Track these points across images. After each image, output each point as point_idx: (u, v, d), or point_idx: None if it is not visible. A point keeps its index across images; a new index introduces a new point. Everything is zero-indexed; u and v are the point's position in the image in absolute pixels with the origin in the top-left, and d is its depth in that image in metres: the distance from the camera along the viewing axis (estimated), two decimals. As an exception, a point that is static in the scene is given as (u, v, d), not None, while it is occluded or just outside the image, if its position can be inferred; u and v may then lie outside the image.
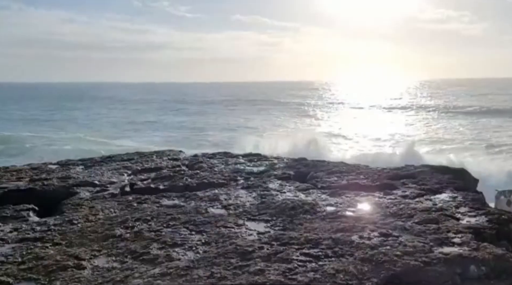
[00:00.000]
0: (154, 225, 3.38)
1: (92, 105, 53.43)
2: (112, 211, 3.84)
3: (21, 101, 60.85)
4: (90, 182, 4.85)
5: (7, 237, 3.13)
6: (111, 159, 6.26)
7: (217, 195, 4.28)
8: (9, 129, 27.95)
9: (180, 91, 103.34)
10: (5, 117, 36.10)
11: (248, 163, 5.89)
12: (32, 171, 5.34)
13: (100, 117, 37.67)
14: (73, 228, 3.35)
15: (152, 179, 5.12)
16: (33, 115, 38.14)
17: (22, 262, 2.69)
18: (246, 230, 3.26)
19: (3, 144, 21.12)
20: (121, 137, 25.36)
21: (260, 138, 27.27)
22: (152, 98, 68.38)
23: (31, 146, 21.20)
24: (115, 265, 2.70)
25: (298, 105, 52.31)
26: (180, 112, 46.22)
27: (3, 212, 3.71)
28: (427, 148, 22.13)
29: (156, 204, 4.04)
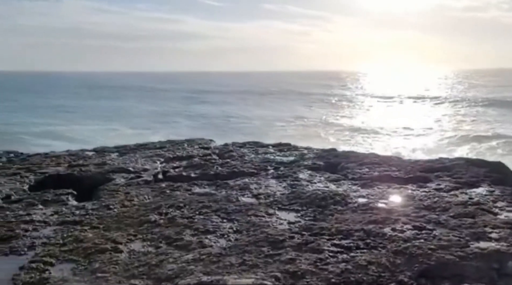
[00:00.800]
0: (186, 212, 3.46)
1: (122, 95, 54.54)
2: (146, 197, 3.94)
3: (54, 90, 62.79)
4: (125, 168, 4.99)
5: (48, 220, 3.27)
6: (144, 146, 6.42)
7: (247, 184, 4.32)
8: (43, 117, 28.98)
9: (208, 80, 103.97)
10: (40, 105, 37.42)
11: (278, 152, 5.91)
12: (70, 157, 5.54)
13: (130, 107, 38.44)
14: (109, 212, 3.47)
15: (184, 167, 5.22)
16: (67, 104, 39.34)
17: (63, 244, 2.82)
18: (276, 219, 3.29)
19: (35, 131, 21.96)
20: (152, 127, 25.85)
21: (288, 129, 27.16)
22: (180, 88, 69.09)
23: (62, 134, 21.95)
24: (150, 249, 2.78)
25: (325, 96, 51.55)
26: (208, 101, 46.53)
27: (44, 196, 3.88)
28: (465, 143, 21.38)
29: (188, 192, 4.12)
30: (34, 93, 54.61)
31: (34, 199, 3.79)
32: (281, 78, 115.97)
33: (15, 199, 3.82)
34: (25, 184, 4.33)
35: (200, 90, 64.27)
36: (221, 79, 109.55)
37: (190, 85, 78.16)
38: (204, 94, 56.95)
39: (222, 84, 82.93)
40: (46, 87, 69.84)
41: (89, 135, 20.64)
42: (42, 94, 52.01)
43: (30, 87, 70.22)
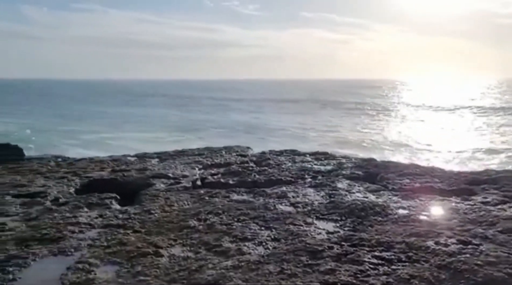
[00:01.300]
0: (225, 219, 3.49)
1: (161, 102, 56.02)
2: (185, 203, 4.02)
3: (100, 97, 65.36)
4: (164, 174, 5.11)
5: (93, 223, 3.40)
6: (183, 153, 6.56)
7: (285, 192, 4.32)
8: (88, 124, 30.19)
9: (244, 88, 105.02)
10: (86, 112, 39.03)
11: (315, 161, 5.87)
12: (113, 162, 5.75)
13: (168, 114, 39.41)
14: (151, 217, 3.56)
15: (222, 174, 5.28)
16: (110, 111, 40.88)
17: (108, 246, 2.92)
18: (315, 228, 3.26)
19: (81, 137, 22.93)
20: (188, 134, 26.40)
21: (324, 137, 26.86)
22: (216, 96, 70.12)
23: (103, 140, 22.84)
24: (190, 255, 2.83)
25: (362, 105, 50.62)
26: (243, 109, 46.93)
27: (89, 199, 4.04)
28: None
29: (227, 199, 4.17)
30: (82, 100, 57.07)
31: (80, 202, 3.95)
32: (318, 86, 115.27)
33: (62, 202, 3.99)
34: (72, 187, 4.52)
35: (236, 98, 64.99)
36: (257, 87, 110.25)
37: (226, 93, 79.19)
38: (240, 102, 57.52)
39: (258, 92, 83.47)
40: (92, 95, 72.81)
41: (129, 142, 21.32)
42: (89, 102, 54.30)
43: (78, 94, 73.43)
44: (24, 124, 29.03)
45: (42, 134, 23.53)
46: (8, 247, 2.87)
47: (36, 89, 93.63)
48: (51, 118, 31.23)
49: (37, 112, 34.26)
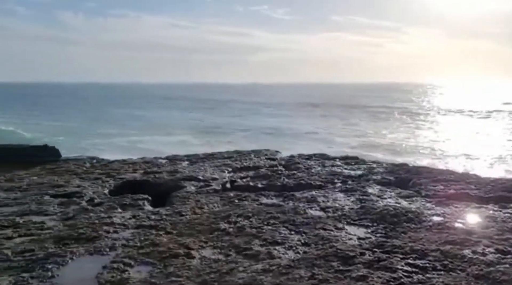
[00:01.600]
0: (255, 222, 3.50)
1: (190, 106, 56.76)
2: (215, 205, 4.06)
3: (133, 101, 66.92)
4: (195, 177, 5.18)
5: (127, 223, 3.48)
6: (212, 156, 6.63)
7: (314, 196, 4.29)
8: (121, 127, 30.86)
9: (273, 92, 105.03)
10: (119, 115, 40.00)
11: (345, 166, 5.80)
12: (145, 164, 5.87)
13: (197, 117, 39.90)
14: (182, 219, 3.61)
15: (251, 177, 5.30)
16: (141, 114, 41.76)
17: (141, 247, 2.98)
18: (346, 234, 3.23)
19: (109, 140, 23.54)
20: (216, 137, 26.64)
21: (352, 142, 26.44)
22: (245, 100, 70.45)
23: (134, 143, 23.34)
24: (221, 257, 2.85)
25: (391, 109, 49.58)
26: (271, 113, 46.94)
27: (123, 200, 4.14)
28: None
29: (256, 202, 4.18)
30: (115, 103, 58.59)
31: (114, 203, 4.05)
32: (348, 90, 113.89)
33: (97, 202, 4.11)
34: (106, 188, 4.65)
35: (264, 102, 65.05)
36: (286, 91, 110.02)
37: (255, 97, 79.42)
38: (268, 105, 57.54)
39: (286, 96, 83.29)
40: (125, 98, 74.62)
41: (159, 144, 21.70)
42: (121, 105, 55.68)
43: (111, 97, 75.41)
44: (59, 126, 30.03)
45: (75, 136, 24.29)
46: (47, 245, 2.98)
47: (71, 92, 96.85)
48: (85, 120, 32.20)
49: (71, 114, 35.37)
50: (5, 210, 3.78)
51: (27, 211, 3.76)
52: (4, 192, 4.39)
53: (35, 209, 3.80)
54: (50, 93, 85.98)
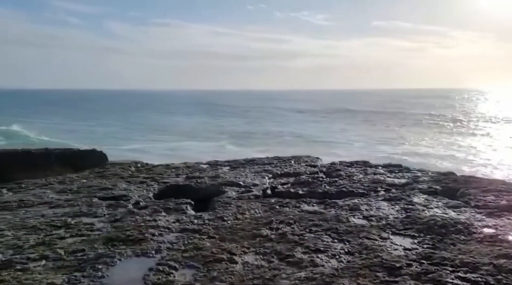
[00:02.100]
0: (297, 229, 3.49)
1: (231, 113, 57.48)
2: (257, 211, 4.07)
3: (177, 107, 68.65)
4: (236, 182, 5.23)
5: (171, 227, 3.56)
6: (253, 162, 6.66)
7: (357, 204, 4.21)
8: (164, 133, 31.79)
9: (312, 98, 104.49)
10: (162, 122, 41.17)
11: (389, 173, 5.66)
12: (188, 169, 5.99)
13: (236, 124, 40.38)
14: (224, 224, 3.66)
15: (292, 183, 5.29)
16: (183, 121, 42.81)
17: (185, 250, 3.04)
18: (391, 244, 3.15)
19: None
20: (254, 143, 26.88)
21: (392, 150, 25.79)
22: (284, 106, 70.41)
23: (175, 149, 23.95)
24: (263, 263, 2.86)
25: (434, 116, 47.82)
26: (310, 120, 46.62)
27: (167, 204, 4.24)
28: None
29: (297, 209, 4.16)
30: (158, 110, 60.32)
31: (159, 206, 4.16)
32: (389, 96, 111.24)
33: (143, 205, 4.24)
34: (151, 192, 4.78)
35: (303, 108, 64.78)
36: (325, 97, 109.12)
37: (294, 103, 79.30)
38: (308, 112, 57.34)
39: (325, 102, 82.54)
40: (168, 105, 76.70)
41: (199, 150, 22.15)
42: (165, 111, 57.30)
43: (155, 104, 77.81)
44: (105, 131, 31.33)
45: (121, 140, 25.26)
46: (96, 246, 3.10)
47: (118, 99, 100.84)
48: (129, 125, 33.50)
49: (117, 119, 36.90)
50: (58, 210, 3.97)
51: (78, 212, 3.93)
52: (56, 194, 4.62)
53: (85, 211, 3.97)
54: (98, 100, 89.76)
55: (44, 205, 4.18)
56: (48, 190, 4.78)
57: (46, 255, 2.89)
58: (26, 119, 45.90)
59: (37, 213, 3.90)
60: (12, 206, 4.11)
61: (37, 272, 2.64)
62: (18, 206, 4.12)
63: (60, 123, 37.27)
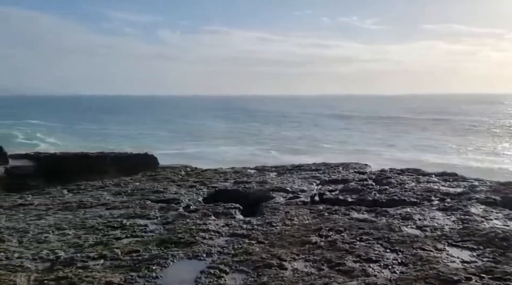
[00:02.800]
0: (347, 237, 3.42)
1: (276, 118, 57.68)
2: (305, 218, 4.04)
3: (227, 113, 69.95)
4: (283, 188, 5.23)
5: (221, 231, 3.62)
6: (300, 168, 6.63)
7: (409, 213, 4.07)
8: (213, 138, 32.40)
9: (360, 104, 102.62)
10: (204, 126, 42.00)
11: (443, 182, 5.44)
12: (235, 174, 6.07)
13: (281, 130, 40.40)
14: (273, 229, 3.66)
15: (340, 190, 5.20)
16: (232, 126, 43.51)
17: (235, 255, 3.07)
18: (447, 256, 3.01)
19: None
20: (300, 149, 26.74)
21: (444, 157, 24.67)
22: (329, 113, 69.58)
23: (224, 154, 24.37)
24: (313, 270, 2.83)
25: (486, 124, 45.23)
26: (355, 127, 45.72)
27: (216, 208, 4.31)
28: None
29: (347, 216, 4.09)
30: (208, 115, 61.75)
31: (208, 210, 4.24)
32: (441, 101, 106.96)
33: (193, 209, 4.34)
34: (200, 196, 4.89)
35: (352, 115, 63.70)
36: (377, 103, 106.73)
37: (342, 109, 78.25)
38: (355, 118, 56.36)
39: (376, 108, 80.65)
40: (217, 110, 78.36)
41: (247, 156, 22.40)
42: (214, 117, 58.55)
43: (205, 110, 79.85)
44: (156, 135, 32.45)
45: (172, 144, 26.11)
46: (150, 247, 3.21)
47: (170, 105, 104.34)
48: (180, 130, 34.53)
49: (167, 124, 38.08)
50: (115, 212, 4.16)
51: (132, 214, 4.09)
52: (112, 196, 4.84)
53: (139, 213, 4.13)
54: (153, 106, 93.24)
55: (101, 206, 4.39)
56: (105, 192, 5.01)
57: (104, 255, 3.03)
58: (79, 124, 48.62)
59: (95, 214, 4.10)
60: (73, 207, 4.35)
61: (96, 270, 2.77)
62: (78, 206, 4.36)
63: (115, 129, 39.18)
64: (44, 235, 3.43)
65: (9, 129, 45.91)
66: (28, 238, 3.37)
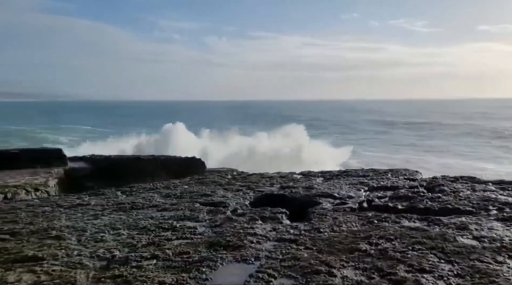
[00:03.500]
0: (398, 246, 3.33)
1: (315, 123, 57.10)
2: (353, 224, 3.97)
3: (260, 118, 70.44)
4: (330, 194, 5.16)
5: (268, 235, 3.63)
6: (347, 173, 6.53)
7: (465, 223, 3.89)
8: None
9: (414, 109, 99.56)
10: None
11: (501, 191, 5.15)
12: (281, 179, 6.07)
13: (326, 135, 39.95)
14: (320, 235, 3.62)
15: (390, 197, 5.06)
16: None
17: (283, 260, 3.07)
18: (508, 269, 2.85)
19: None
20: (351, 153, 26.27)
21: (501, 167, 23.32)
22: (378, 118, 67.92)
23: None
24: (363, 279, 2.77)
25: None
26: (408, 133, 44.29)
27: (263, 212, 4.34)
28: None
29: (397, 224, 3.97)
30: (252, 120, 62.45)
31: (255, 214, 4.27)
32: (494, 107, 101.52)
33: (240, 213, 4.38)
34: (247, 200, 4.93)
35: (400, 120, 61.87)
36: (427, 107, 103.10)
37: (386, 115, 76.25)
38: (405, 124, 54.72)
39: (426, 113, 77.89)
40: (261, 115, 79.08)
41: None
42: (257, 121, 59.10)
43: (250, 115, 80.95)
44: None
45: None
46: (200, 249, 3.28)
47: (210, 110, 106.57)
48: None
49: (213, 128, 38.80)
50: (165, 214, 4.29)
51: (182, 216, 4.20)
52: (162, 198, 4.99)
53: (188, 215, 4.23)
54: (199, 111, 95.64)
55: (153, 207, 4.54)
56: (155, 194, 5.18)
57: (157, 255, 3.13)
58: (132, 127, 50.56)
59: (147, 215, 4.25)
60: (126, 208, 4.53)
61: (149, 270, 2.86)
62: (131, 207, 4.54)
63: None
64: (101, 234, 3.60)
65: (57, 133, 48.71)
66: (86, 236, 3.55)
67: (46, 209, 4.48)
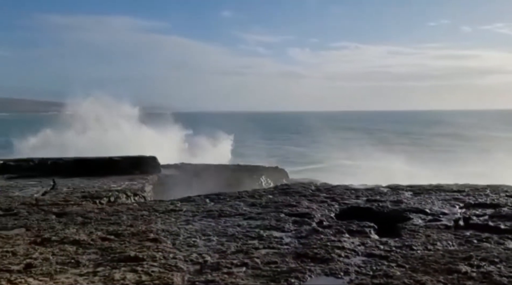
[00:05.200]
0: (504, 270, 3.04)
1: (406, 134, 54.46)
2: (450, 243, 3.71)
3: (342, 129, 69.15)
4: (421, 209, 4.88)
5: (357, 250, 3.53)
6: (439, 188, 6.13)
7: None
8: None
9: (504, 119, 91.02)
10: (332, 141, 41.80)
11: None
12: (367, 191, 5.88)
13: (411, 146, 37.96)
14: (413, 253, 3.44)
15: (490, 215, 4.65)
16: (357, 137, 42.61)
17: (374, 276, 2.96)
18: None
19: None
20: (433, 167, 24.70)
21: None
22: (461, 133, 63.00)
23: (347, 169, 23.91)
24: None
25: None
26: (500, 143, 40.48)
27: (350, 225, 4.23)
28: None
29: (501, 245, 3.63)
30: (336, 130, 61.70)
31: (342, 227, 4.18)
32: None
33: (326, 225, 4.32)
34: (332, 212, 4.85)
35: (499, 135, 56.79)
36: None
37: (477, 126, 70.46)
38: (490, 136, 50.20)
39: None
40: (344, 126, 77.96)
41: (376, 171, 21.62)
42: (343, 132, 58.29)
43: (334, 125, 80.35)
44: (289, 150, 33.45)
45: (303, 158, 26.74)
46: (287, 259, 3.29)
47: (300, 120, 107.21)
48: (309, 145, 35.09)
49: (301, 139, 38.96)
50: (252, 222, 4.38)
51: (268, 225, 4.25)
52: (248, 206, 5.10)
53: (274, 225, 4.27)
54: (277, 123, 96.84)
55: (239, 216, 4.66)
56: (241, 203, 5.31)
57: (246, 263, 3.20)
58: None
59: (234, 223, 4.37)
60: (215, 215, 4.70)
61: (239, 277, 2.94)
62: (219, 215, 4.70)
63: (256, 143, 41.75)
64: (193, 239, 3.77)
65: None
66: (179, 241, 3.74)
67: (144, 213, 4.82)
